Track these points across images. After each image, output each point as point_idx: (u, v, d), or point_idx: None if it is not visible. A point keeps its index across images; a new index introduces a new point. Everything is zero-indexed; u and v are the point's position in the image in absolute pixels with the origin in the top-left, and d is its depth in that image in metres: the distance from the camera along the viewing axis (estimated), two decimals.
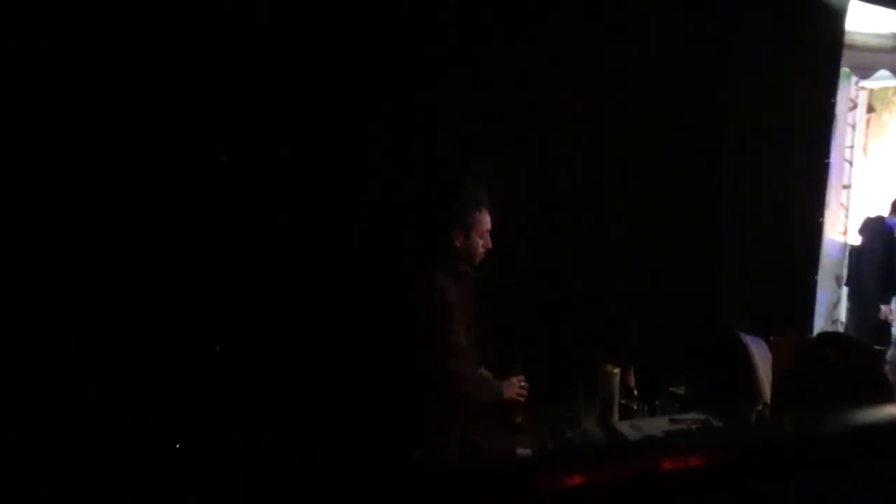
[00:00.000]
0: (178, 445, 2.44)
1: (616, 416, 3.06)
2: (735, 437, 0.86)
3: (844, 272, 5.33)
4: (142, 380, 2.41)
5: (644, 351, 3.44)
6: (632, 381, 3.15)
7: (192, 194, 2.50)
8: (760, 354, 3.30)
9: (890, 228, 4.98)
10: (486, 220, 2.65)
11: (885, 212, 5.08)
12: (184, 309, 2.49)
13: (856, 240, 5.25)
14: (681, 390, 3.34)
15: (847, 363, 2.66)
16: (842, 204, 5.44)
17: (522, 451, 2.56)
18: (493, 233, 2.70)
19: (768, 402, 3.11)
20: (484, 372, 2.85)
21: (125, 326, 2.39)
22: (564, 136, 3.39)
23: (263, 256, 2.63)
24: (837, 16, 4.00)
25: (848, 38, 4.10)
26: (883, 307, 4.96)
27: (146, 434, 2.38)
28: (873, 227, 5.06)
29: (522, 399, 2.80)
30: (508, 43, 3.12)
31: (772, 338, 3.23)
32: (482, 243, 2.65)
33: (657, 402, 3.19)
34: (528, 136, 3.29)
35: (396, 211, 2.86)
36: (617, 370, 3.08)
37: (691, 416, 3.09)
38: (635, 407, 3.09)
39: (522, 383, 2.80)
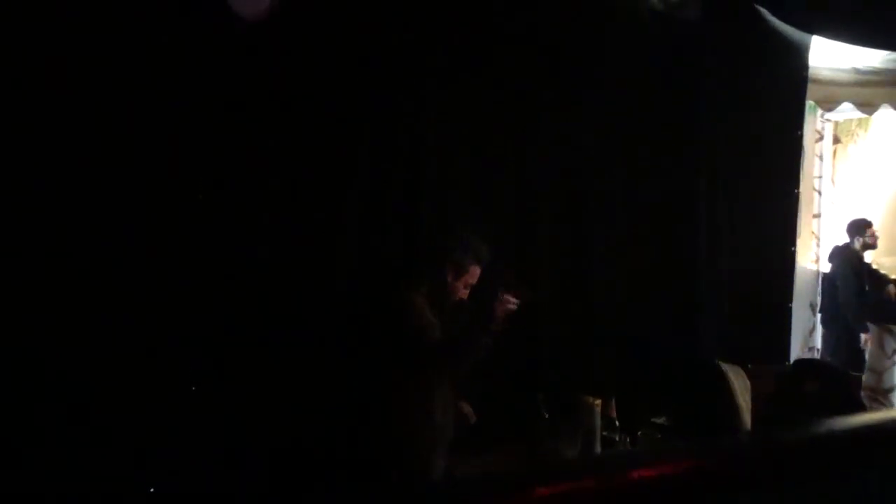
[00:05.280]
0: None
1: (598, 447, 3.07)
2: (700, 449, 0.88)
3: (818, 299, 5.41)
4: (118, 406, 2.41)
5: (625, 382, 3.46)
6: (613, 413, 3.16)
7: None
8: (739, 383, 3.34)
9: (858, 256, 5.08)
10: (475, 275, 2.74)
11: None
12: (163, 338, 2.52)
13: (827, 267, 5.35)
14: (662, 420, 3.35)
15: (824, 390, 2.69)
16: (813, 233, 5.54)
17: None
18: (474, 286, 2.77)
19: (749, 430, 3.13)
20: (464, 407, 2.86)
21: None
22: (543, 175, 3.46)
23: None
24: (801, 52, 4.14)
25: (812, 73, 4.24)
26: (862, 335, 5.04)
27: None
28: (842, 255, 5.16)
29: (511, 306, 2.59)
30: (489, 89, 3.26)
31: (750, 366, 3.27)
32: (462, 292, 2.74)
33: (639, 433, 3.19)
34: (508, 175, 3.36)
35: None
36: (598, 401, 3.09)
37: (674, 447, 3.10)
38: (617, 438, 3.10)
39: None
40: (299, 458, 2.72)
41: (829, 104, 4.84)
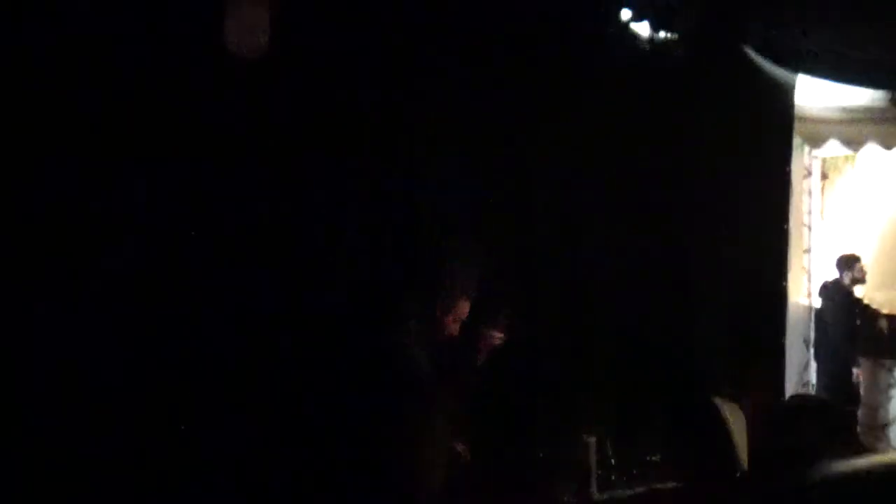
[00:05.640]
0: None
1: (594, 486, 3.03)
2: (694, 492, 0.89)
3: (812, 335, 5.42)
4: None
5: (620, 420, 3.44)
6: (608, 451, 3.14)
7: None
8: (734, 419, 3.32)
9: (847, 291, 5.11)
10: (464, 310, 2.60)
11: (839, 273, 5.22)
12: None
13: (819, 302, 5.37)
14: (658, 458, 3.32)
15: (820, 426, 2.69)
16: (804, 268, 5.57)
17: None
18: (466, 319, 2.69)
19: (745, 467, 3.11)
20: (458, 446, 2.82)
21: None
22: (541, 209, 3.48)
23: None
24: (788, 91, 4.22)
25: (799, 112, 4.32)
26: (854, 370, 5.05)
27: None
28: (832, 290, 5.19)
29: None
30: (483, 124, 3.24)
31: (745, 402, 3.26)
32: (452, 327, 2.62)
33: (635, 472, 3.17)
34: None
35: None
36: (593, 439, 3.07)
37: (670, 485, 3.08)
38: (613, 477, 3.06)
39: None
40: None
41: (816, 141, 4.92)
